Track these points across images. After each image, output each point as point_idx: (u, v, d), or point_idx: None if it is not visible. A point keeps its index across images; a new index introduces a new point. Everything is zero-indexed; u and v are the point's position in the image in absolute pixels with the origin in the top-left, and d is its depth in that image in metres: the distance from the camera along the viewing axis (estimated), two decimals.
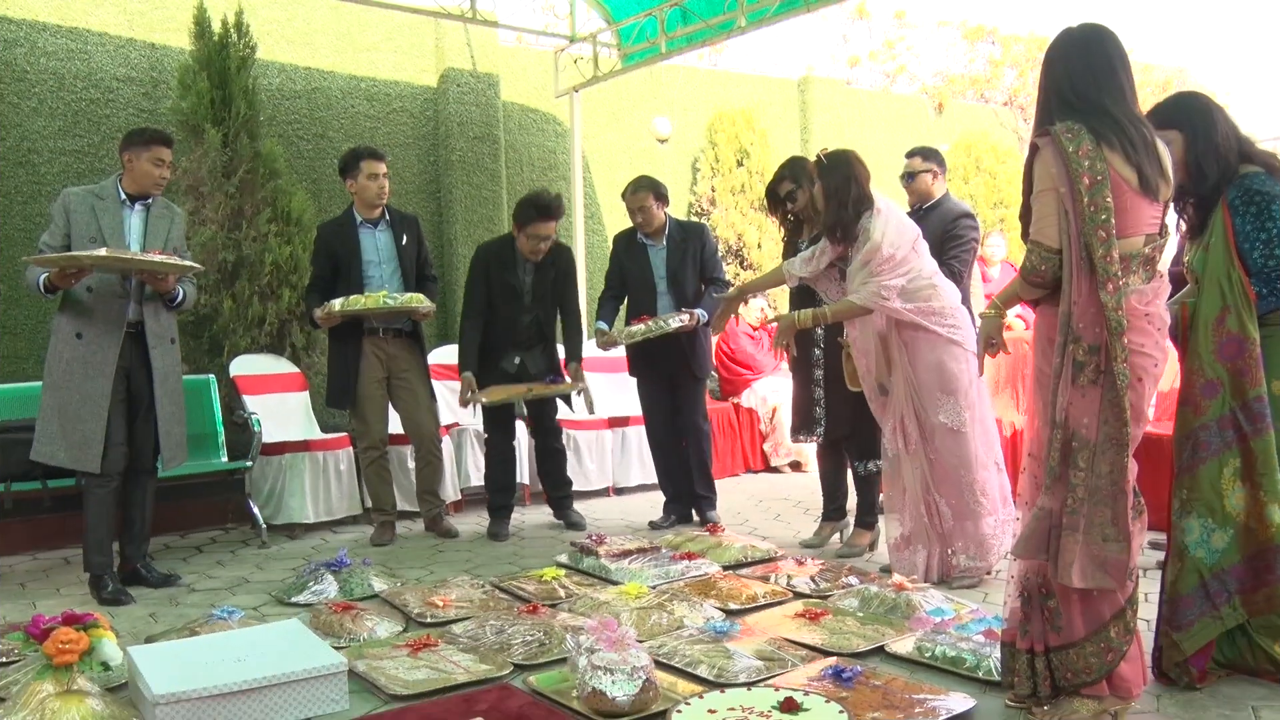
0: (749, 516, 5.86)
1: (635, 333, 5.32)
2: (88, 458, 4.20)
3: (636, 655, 2.90)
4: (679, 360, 5.42)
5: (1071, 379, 2.58)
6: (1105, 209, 2.56)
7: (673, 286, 5.44)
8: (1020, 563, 2.81)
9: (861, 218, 4.27)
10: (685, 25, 6.99)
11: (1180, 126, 3.03)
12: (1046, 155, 2.65)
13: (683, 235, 5.49)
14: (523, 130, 8.09)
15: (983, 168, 10.06)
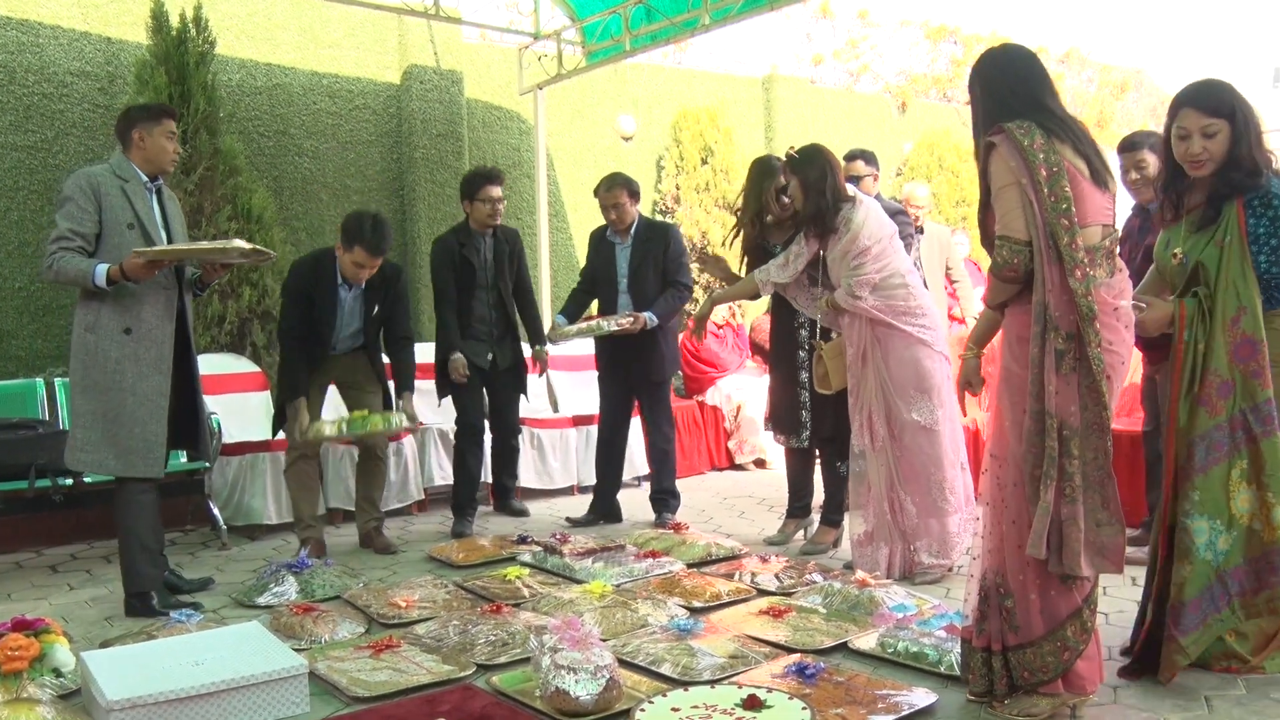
0: (714, 514, 5.87)
1: (569, 332, 5.34)
2: (149, 462, 3.89)
3: (600, 654, 2.89)
4: (637, 363, 5.40)
5: (1055, 368, 2.60)
6: (1065, 198, 2.61)
7: (633, 286, 5.40)
8: (979, 562, 2.83)
9: (841, 209, 4.33)
10: (649, 23, 6.98)
11: (1229, 116, 2.92)
12: (1003, 150, 2.68)
13: (648, 235, 5.44)
14: (487, 128, 8.05)
15: (945, 166, 10.13)
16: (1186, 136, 2.95)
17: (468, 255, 5.48)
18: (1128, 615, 3.46)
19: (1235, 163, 2.92)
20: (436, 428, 6.12)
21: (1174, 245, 3.05)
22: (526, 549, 4.79)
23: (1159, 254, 3.15)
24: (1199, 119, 2.92)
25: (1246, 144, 2.90)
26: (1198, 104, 2.93)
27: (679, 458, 7.01)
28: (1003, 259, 2.67)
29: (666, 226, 5.64)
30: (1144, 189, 4.46)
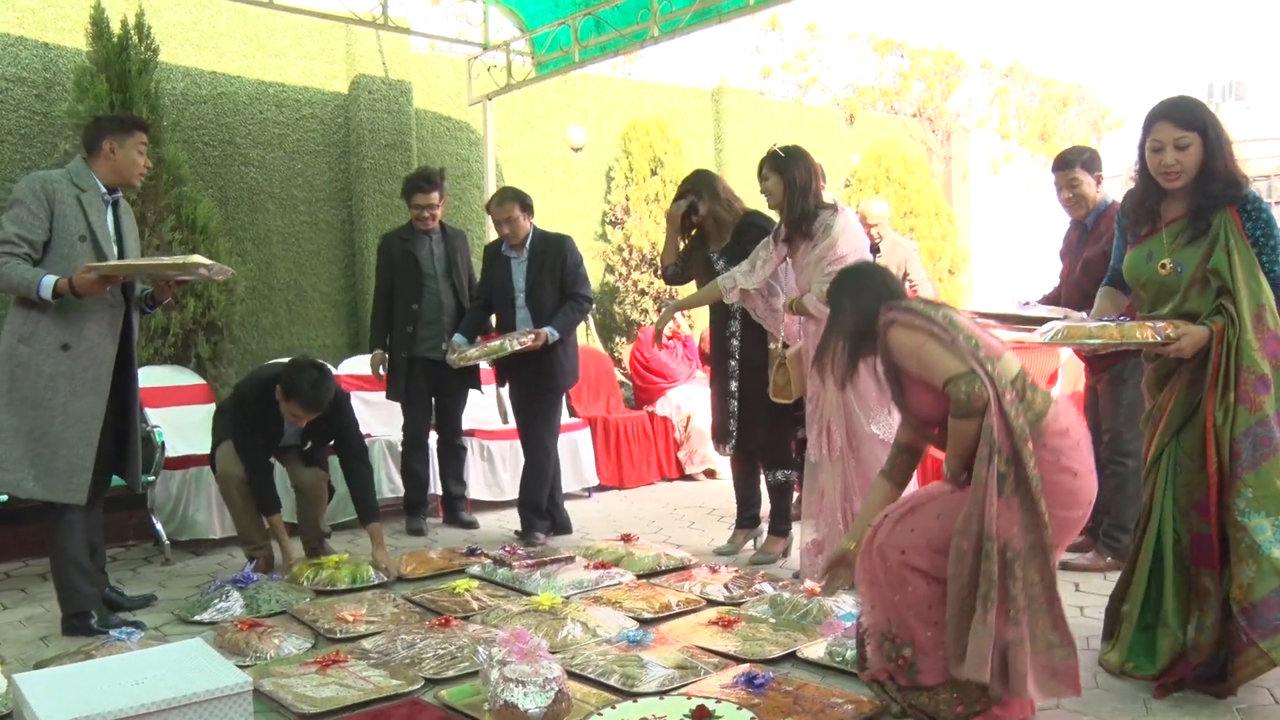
0: (664, 525, 5.88)
1: (471, 355, 5.28)
2: (71, 488, 3.72)
3: (549, 666, 2.88)
4: (537, 373, 5.33)
5: (998, 491, 2.62)
6: (970, 336, 2.72)
7: (530, 300, 5.32)
8: (873, 614, 2.83)
9: (820, 215, 4.32)
10: (599, 34, 6.99)
11: (1201, 130, 3.00)
12: (901, 319, 2.79)
13: (544, 248, 5.36)
14: (436, 138, 8.01)
15: (893, 177, 10.24)
16: (1160, 149, 3.02)
17: (411, 250, 5.61)
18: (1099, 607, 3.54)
19: (1212, 175, 2.99)
20: (384, 439, 6.08)
21: (1159, 256, 3.08)
22: (476, 561, 4.77)
23: (1138, 265, 3.15)
24: (1172, 132, 3.00)
25: (1220, 158, 2.98)
26: (1171, 117, 3.01)
27: (628, 468, 7.05)
28: (965, 394, 2.65)
29: (562, 238, 5.49)
30: (1077, 206, 4.55)
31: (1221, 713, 2.87)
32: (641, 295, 8.37)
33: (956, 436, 2.71)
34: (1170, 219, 3.09)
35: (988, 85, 12.82)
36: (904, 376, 2.82)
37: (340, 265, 7.44)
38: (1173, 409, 3.08)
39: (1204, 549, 2.99)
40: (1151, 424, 3.17)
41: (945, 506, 2.75)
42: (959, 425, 2.69)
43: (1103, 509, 4.53)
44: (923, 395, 2.79)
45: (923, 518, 2.79)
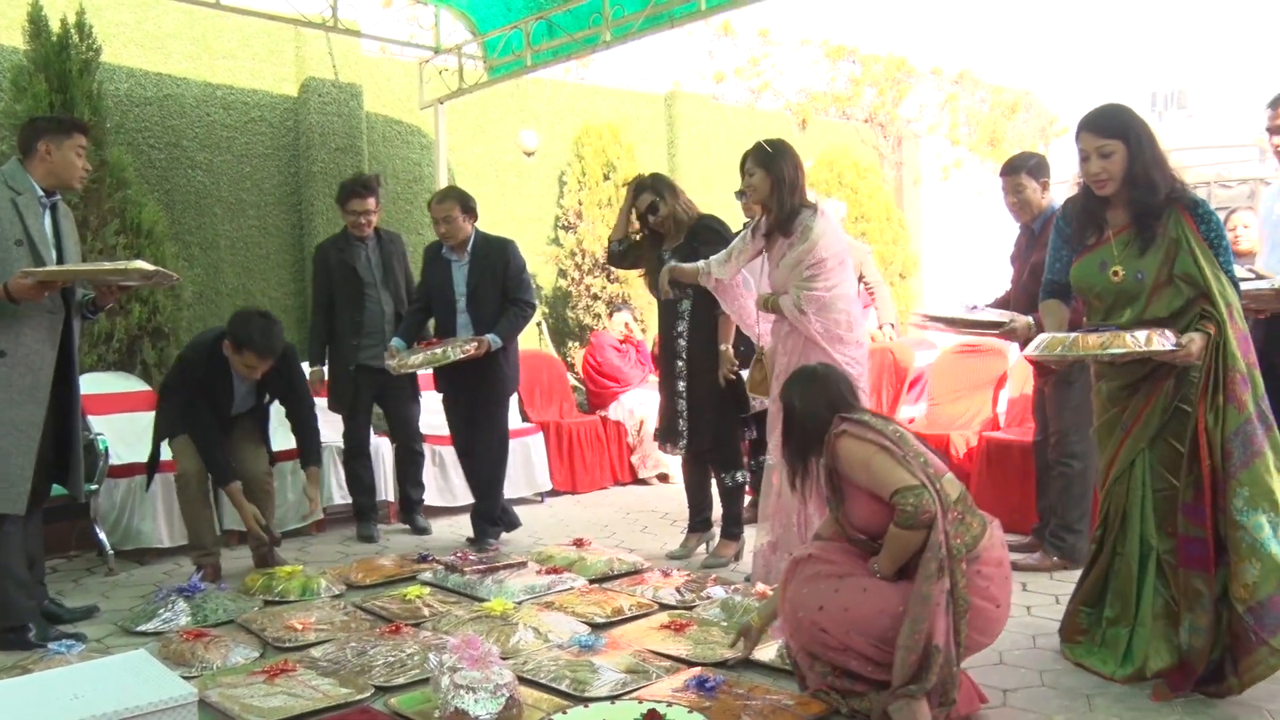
0: (616, 529, 5.87)
1: (412, 363, 5.12)
2: (8, 499, 3.63)
3: (499, 673, 2.87)
4: (480, 383, 5.21)
5: (944, 606, 2.69)
6: (919, 454, 2.83)
7: (472, 305, 5.22)
8: (797, 641, 2.98)
9: (801, 214, 4.17)
10: (551, 39, 6.98)
11: (1123, 137, 3.05)
12: (852, 430, 2.88)
13: (486, 251, 5.24)
14: (387, 142, 7.96)
15: (845, 182, 10.32)
16: (1086, 158, 3.10)
17: (346, 260, 5.55)
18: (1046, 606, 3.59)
19: (1139, 180, 3.04)
20: (333, 445, 6.02)
21: (1111, 265, 3.11)
22: (427, 568, 4.74)
23: (1090, 274, 3.17)
24: (1094, 141, 3.07)
25: (1141, 163, 3.02)
26: (1092, 127, 3.09)
27: (581, 472, 7.04)
28: (913, 506, 2.70)
29: (505, 242, 5.36)
30: (1021, 211, 4.62)
31: (1162, 709, 2.91)
32: (594, 300, 8.37)
33: (898, 545, 2.78)
34: (1118, 228, 3.12)
35: (938, 92, 12.98)
36: (845, 485, 2.91)
37: (289, 270, 7.36)
38: (1149, 415, 3.09)
39: (1196, 551, 2.98)
40: (1121, 430, 3.16)
41: (874, 589, 2.84)
42: (903, 535, 2.75)
43: (1049, 510, 4.61)
44: (864, 506, 2.87)
45: (850, 592, 2.85)
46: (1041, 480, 4.72)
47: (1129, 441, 3.14)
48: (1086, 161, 3.10)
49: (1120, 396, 3.18)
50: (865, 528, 2.90)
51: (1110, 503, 3.22)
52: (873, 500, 2.84)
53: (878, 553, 2.88)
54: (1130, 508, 3.16)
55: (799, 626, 2.90)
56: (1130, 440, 3.14)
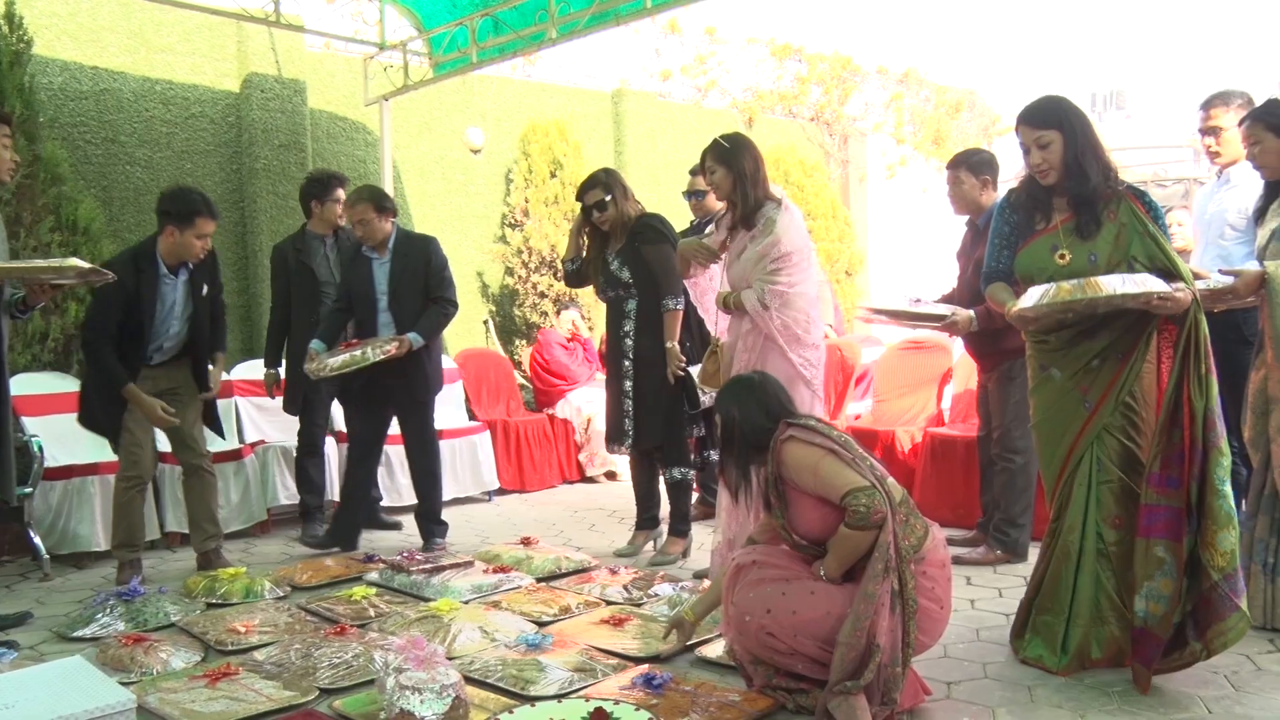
0: (564, 527, 5.86)
1: (332, 365, 4.91)
2: None
3: (445, 673, 2.85)
4: (400, 383, 5.09)
5: (890, 607, 2.72)
6: (864, 457, 2.86)
7: (394, 304, 5.11)
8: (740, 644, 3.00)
9: (764, 207, 4.12)
10: (497, 35, 6.95)
11: (1059, 126, 3.14)
12: (799, 435, 2.90)
13: (407, 249, 5.15)
14: (331, 139, 7.87)
15: (791, 180, 10.38)
16: (1027, 151, 3.19)
17: (305, 261, 5.48)
18: (989, 600, 3.62)
19: (1074, 168, 3.13)
20: (279, 445, 5.94)
21: (1060, 249, 3.16)
22: (373, 568, 4.70)
23: (1042, 258, 3.19)
24: (1031, 133, 3.16)
25: (1074, 151, 3.11)
26: (1029, 120, 3.17)
27: (529, 471, 7.02)
28: (865, 506, 2.73)
29: (427, 240, 5.30)
30: (959, 205, 4.70)
31: (1097, 696, 2.96)
32: (541, 298, 8.34)
33: (847, 547, 2.80)
34: (1064, 215, 3.19)
35: (883, 91, 13.10)
36: (790, 492, 2.91)
37: (233, 268, 7.25)
38: (1115, 391, 3.12)
39: (1162, 519, 2.98)
40: (1086, 409, 3.16)
41: (821, 592, 2.85)
42: (854, 536, 2.77)
43: (993, 504, 4.68)
44: (811, 511, 2.88)
45: (797, 595, 2.86)
46: (985, 475, 4.80)
47: (1095, 420, 3.15)
48: (1028, 154, 3.19)
49: (1082, 378, 3.18)
50: (811, 534, 2.91)
51: (1064, 497, 3.23)
52: (819, 505, 2.85)
53: (822, 558, 2.90)
54: (1075, 501, 3.19)
55: (745, 631, 2.91)
56: (1095, 419, 3.15)
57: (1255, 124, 3.56)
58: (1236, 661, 3.19)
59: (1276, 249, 3.48)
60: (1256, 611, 3.44)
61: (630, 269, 4.79)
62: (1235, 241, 4.20)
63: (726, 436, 3.07)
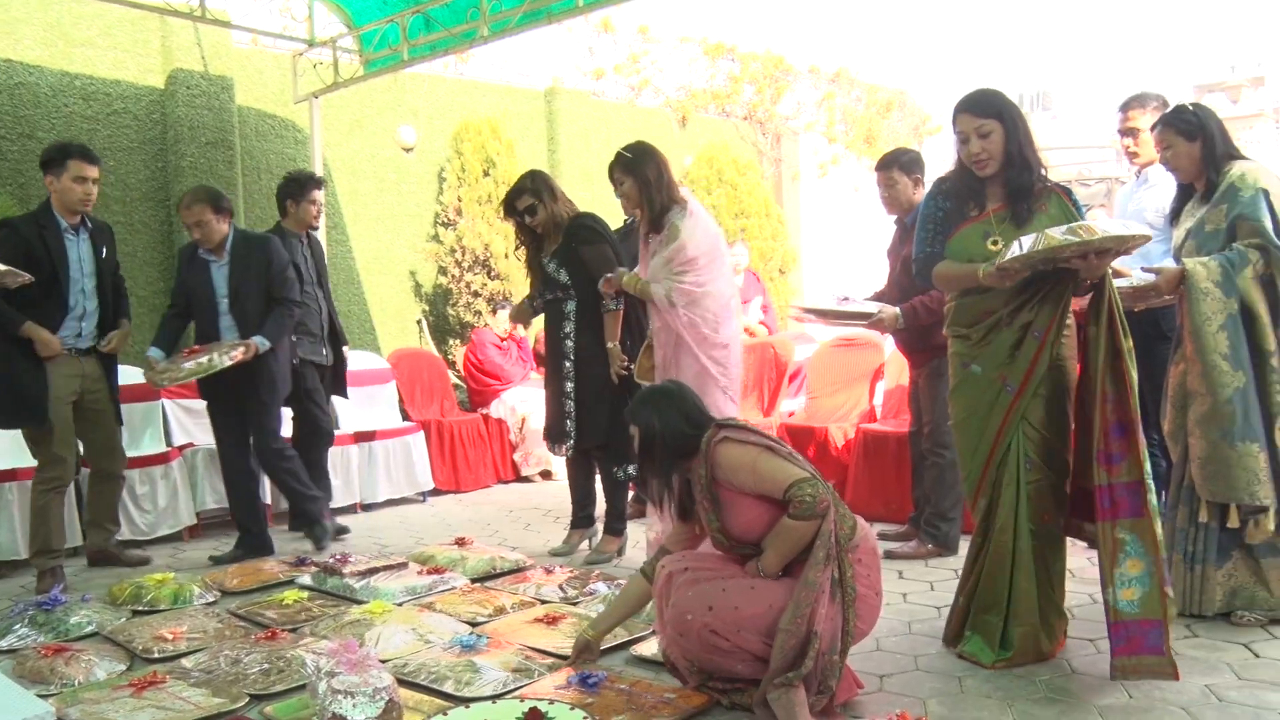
0: (499, 527, 5.83)
1: (177, 373, 4.79)
2: None
3: (378, 676, 2.82)
4: (246, 386, 4.98)
5: (831, 595, 2.75)
6: (794, 456, 2.91)
7: (235, 307, 4.98)
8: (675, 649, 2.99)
9: (670, 210, 4.28)
10: (428, 33, 6.89)
11: (999, 117, 3.17)
12: (733, 436, 2.92)
13: (246, 250, 5.02)
14: (260, 136, 7.74)
15: (724, 179, 10.44)
16: (965, 140, 3.21)
17: (291, 257, 5.40)
18: (921, 593, 3.68)
19: (1014, 159, 3.17)
20: (207, 448, 5.83)
21: (993, 235, 3.20)
22: (305, 571, 4.63)
23: (972, 244, 3.22)
24: (972, 121, 3.18)
25: (1016, 142, 3.16)
26: (970, 108, 3.20)
27: (464, 471, 6.98)
28: (810, 496, 2.75)
29: (265, 239, 5.15)
30: (892, 205, 4.77)
31: (1024, 685, 3.03)
32: (475, 297, 8.29)
33: (791, 539, 2.81)
34: (995, 206, 3.23)
35: (815, 90, 13.23)
36: (725, 494, 2.90)
37: (158, 268, 7.10)
38: (1035, 375, 3.13)
39: (1123, 497, 2.98)
40: (1009, 394, 3.16)
41: (761, 586, 2.86)
42: (798, 528, 2.78)
43: (924, 498, 4.75)
44: (749, 511, 2.88)
45: (738, 590, 2.86)
46: (916, 470, 4.87)
47: (1018, 404, 3.16)
48: (966, 143, 3.21)
49: (1003, 367, 3.19)
50: (748, 533, 2.91)
51: (992, 492, 3.24)
52: (757, 503, 2.86)
53: (754, 558, 2.92)
54: (1004, 501, 3.20)
55: (687, 631, 2.87)
56: (1018, 403, 3.16)
57: (1166, 129, 3.66)
58: None
59: (1193, 247, 3.59)
60: (1179, 599, 3.56)
61: (568, 270, 4.78)
62: (1153, 240, 4.30)
63: (646, 447, 3.03)
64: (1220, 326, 3.41)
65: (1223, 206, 3.53)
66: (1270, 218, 3.45)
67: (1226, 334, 3.41)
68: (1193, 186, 3.71)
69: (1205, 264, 3.45)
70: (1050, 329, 3.14)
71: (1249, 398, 3.40)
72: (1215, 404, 3.42)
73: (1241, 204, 3.48)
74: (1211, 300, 3.42)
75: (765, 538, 2.89)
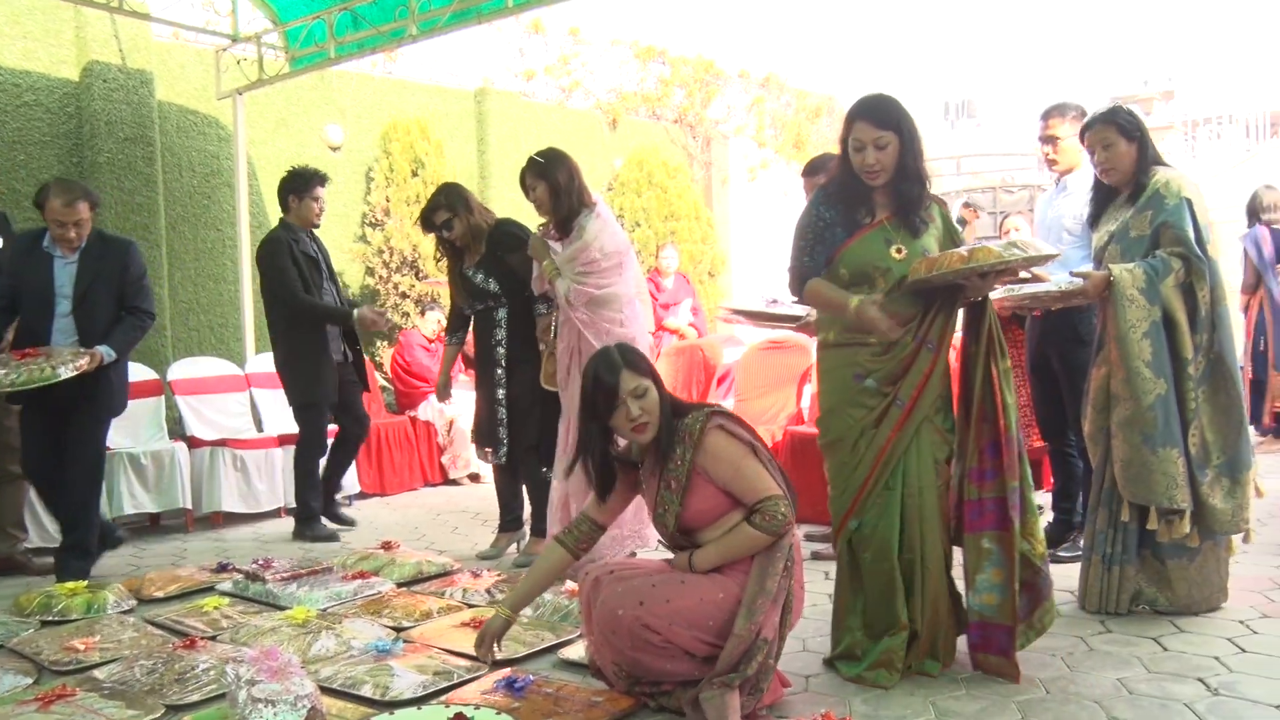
0: (426, 530, 5.78)
1: (13, 381, 4.23)
2: None
3: (300, 683, 2.77)
4: (82, 399, 4.49)
5: (775, 599, 2.79)
6: (771, 458, 2.91)
7: (80, 309, 4.54)
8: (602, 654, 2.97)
9: (580, 213, 4.41)
10: (356, 31, 6.80)
11: (896, 129, 3.06)
12: (726, 430, 2.88)
13: (102, 251, 4.60)
14: (181, 133, 7.56)
15: (654, 182, 10.47)
16: (861, 149, 3.07)
17: (305, 250, 5.45)
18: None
19: (904, 173, 3.08)
20: (126, 452, 5.69)
21: (895, 243, 3.09)
22: (226, 577, 4.54)
23: (876, 251, 3.09)
24: (871, 132, 3.05)
25: (912, 155, 3.07)
26: (870, 117, 3.07)
27: (390, 474, 6.90)
28: (783, 515, 2.77)
29: (126, 243, 4.76)
30: None
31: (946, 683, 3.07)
32: (403, 298, 8.21)
33: (744, 546, 2.82)
34: (886, 214, 3.13)
35: (745, 94, 13.33)
36: (698, 479, 2.86)
37: None
38: (927, 390, 3.06)
39: (990, 511, 3.04)
40: (899, 410, 3.05)
41: (691, 581, 2.85)
42: (758, 539, 2.80)
43: None
44: (708, 500, 2.87)
45: (669, 585, 2.85)
46: None
47: (910, 419, 3.06)
48: (862, 152, 3.07)
49: (894, 376, 3.09)
50: (699, 522, 2.89)
51: (869, 512, 3.12)
52: (718, 496, 2.85)
53: (684, 550, 2.92)
54: (889, 515, 3.09)
55: (617, 627, 2.83)
56: (910, 418, 3.06)
57: (1107, 126, 3.67)
58: (1071, 644, 3.36)
59: (1117, 251, 3.66)
60: (1094, 598, 3.65)
61: (496, 279, 4.80)
62: (1072, 245, 4.40)
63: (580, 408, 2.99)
64: (1144, 334, 3.49)
65: (1148, 213, 3.60)
66: (1193, 227, 3.53)
67: (1150, 341, 3.49)
68: (1113, 189, 3.77)
69: (1131, 271, 3.52)
70: (944, 343, 3.10)
71: (1170, 404, 3.49)
72: (1138, 409, 3.50)
73: (1167, 211, 3.55)
74: (1136, 308, 3.49)
75: (705, 530, 2.88)
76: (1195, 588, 3.63)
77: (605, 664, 2.98)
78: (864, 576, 3.15)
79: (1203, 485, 3.51)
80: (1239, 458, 3.57)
